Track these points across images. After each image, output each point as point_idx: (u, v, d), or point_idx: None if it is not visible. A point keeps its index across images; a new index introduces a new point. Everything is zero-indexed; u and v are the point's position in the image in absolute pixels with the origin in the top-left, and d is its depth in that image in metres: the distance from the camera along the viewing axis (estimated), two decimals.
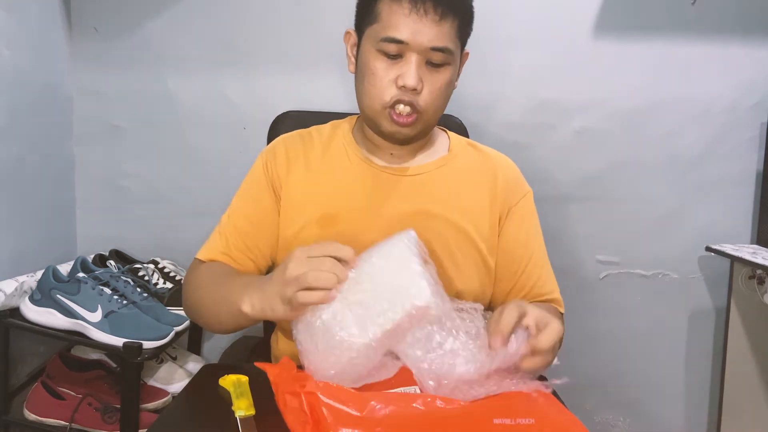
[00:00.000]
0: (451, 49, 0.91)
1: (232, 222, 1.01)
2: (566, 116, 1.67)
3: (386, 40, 0.90)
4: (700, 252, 1.69)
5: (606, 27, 1.64)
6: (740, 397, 1.61)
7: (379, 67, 0.92)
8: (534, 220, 1.06)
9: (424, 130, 0.99)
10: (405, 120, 0.93)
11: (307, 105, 1.63)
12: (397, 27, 0.89)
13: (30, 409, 1.39)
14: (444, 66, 0.92)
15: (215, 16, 1.65)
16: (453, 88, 0.99)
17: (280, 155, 1.04)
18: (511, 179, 1.06)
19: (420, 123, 0.95)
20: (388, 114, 0.93)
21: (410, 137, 0.97)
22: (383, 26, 0.90)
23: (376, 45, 0.91)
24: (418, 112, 0.93)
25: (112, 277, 1.40)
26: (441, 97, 0.95)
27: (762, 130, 1.67)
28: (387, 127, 0.95)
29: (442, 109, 0.98)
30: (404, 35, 0.88)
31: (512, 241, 1.03)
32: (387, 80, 0.91)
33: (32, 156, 1.51)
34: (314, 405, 0.64)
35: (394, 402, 0.65)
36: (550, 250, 1.07)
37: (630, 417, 1.79)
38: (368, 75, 0.93)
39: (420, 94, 0.91)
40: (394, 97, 0.92)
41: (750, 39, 1.64)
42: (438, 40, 0.89)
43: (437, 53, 0.90)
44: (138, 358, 1.28)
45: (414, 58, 0.90)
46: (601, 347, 1.76)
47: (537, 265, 1.04)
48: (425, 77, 0.91)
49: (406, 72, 0.90)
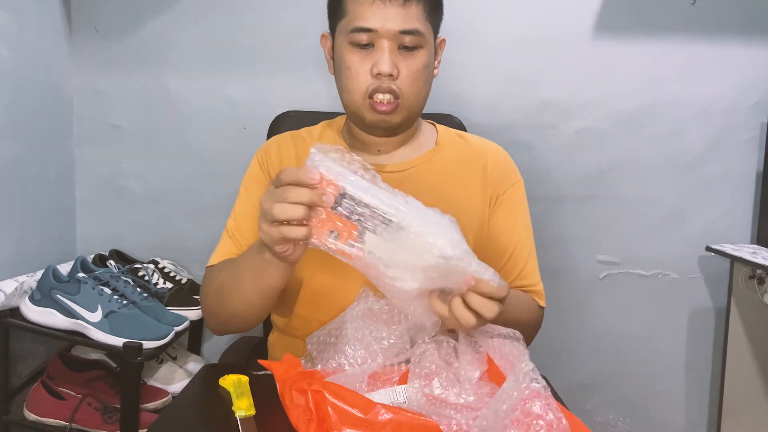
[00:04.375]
0: (421, 31, 0.92)
1: (238, 223, 1.01)
2: (566, 116, 1.68)
3: (355, 30, 0.91)
4: (700, 252, 1.69)
5: (606, 27, 1.64)
6: (740, 397, 1.61)
7: (353, 60, 0.93)
8: (522, 210, 1.06)
9: (409, 118, 0.98)
10: (386, 107, 0.93)
11: (307, 105, 1.63)
12: (363, 16, 0.90)
13: (30, 409, 1.39)
14: (417, 49, 0.93)
15: (215, 16, 1.65)
16: (433, 74, 0.99)
17: (273, 154, 1.04)
18: (500, 167, 1.06)
19: (403, 110, 0.95)
20: (369, 105, 0.94)
21: (395, 126, 0.97)
22: (351, 19, 0.92)
23: (347, 38, 0.93)
24: (398, 98, 0.93)
25: (112, 277, 1.40)
26: (419, 81, 0.94)
27: (762, 130, 1.67)
28: (370, 117, 0.95)
29: (424, 95, 0.97)
30: (372, 23, 0.90)
31: (498, 230, 1.03)
32: (363, 71, 0.92)
33: (32, 156, 1.51)
34: (320, 403, 0.64)
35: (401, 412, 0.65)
36: (550, 250, 1.07)
37: (630, 417, 1.79)
38: (344, 69, 0.94)
39: (397, 79, 0.92)
40: (371, 86, 0.92)
41: (750, 39, 1.64)
42: (406, 23, 0.90)
43: (408, 36, 0.91)
44: (138, 358, 1.28)
45: (386, 44, 0.91)
46: (601, 347, 1.76)
47: (521, 255, 1.03)
48: (400, 63, 0.92)
49: (379, 59, 0.91)
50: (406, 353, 0.80)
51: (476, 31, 1.63)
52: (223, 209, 1.05)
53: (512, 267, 1.02)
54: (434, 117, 1.16)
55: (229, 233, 1.01)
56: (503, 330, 0.76)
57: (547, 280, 1.06)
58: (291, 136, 1.08)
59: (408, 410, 0.67)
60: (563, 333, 1.73)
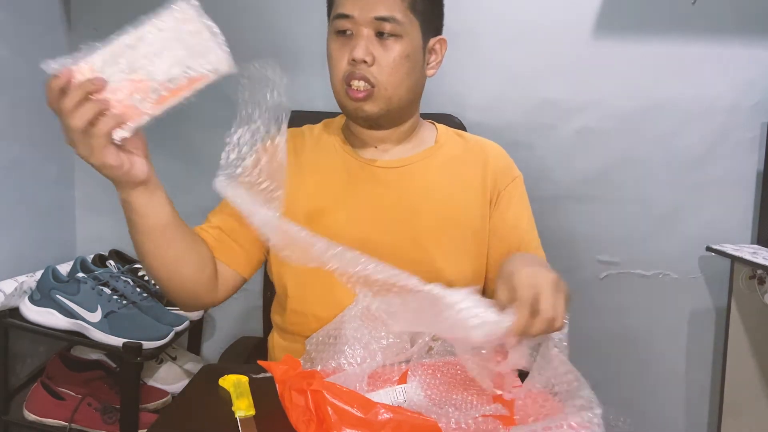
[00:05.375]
0: (399, 19, 0.92)
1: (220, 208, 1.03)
2: (566, 116, 1.67)
3: (336, 17, 0.94)
4: (701, 252, 1.68)
5: (606, 27, 1.64)
6: (740, 397, 1.61)
7: (334, 48, 0.95)
8: (523, 204, 1.06)
9: (391, 110, 0.97)
10: (360, 95, 0.93)
11: (306, 105, 1.62)
12: (343, 4, 0.93)
13: (30, 409, 1.39)
14: (395, 37, 0.93)
15: (215, 16, 1.63)
16: (423, 70, 0.99)
17: None
18: (500, 164, 1.07)
19: (378, 99, 0.94)
20: (345, 92, 0.95)
21: (375, 115, 0.96)
22: (335, 7, 0.95)
23: (332, 27, 0.96)
24: (373, 86, 0.93)
25: (111, 277, 1.40)
26: (397, 71, 0.94)
27: (762, 130, 1.67)
28: (347, 104, 0.96)
29: (406, 86, 0.96)
30: (350, 9, 0.92)
31: (501, 225, 1.03)
32: (341, 58, 0.94)
33: (32, 156, 1.51)
34: (320, 403, 0.64)
35: (401, 412, 0.65)
36: (550, 251, 1.07)
37: (630, 417, 1.77)
38: (328, 58, 0.97)
39: (372, 66, 0.93)
40: (346, 72, 0.94)
41: (750, 39, 1.64)
42: (383, 10, 0.91)
43: (384, 23, 0.92)
44: (138, 358, 1.28)
45: (363, 31, 0.92)
46: (601, 347, 1.76)
47: (528, 249, 1.03)
48: (376, 50, 0.93)
49: (354, 45, 0.92)
50: (406, 353, 0.80)
51: (476, 31, 1.63)
52: None
53: None
54: (434, 117, 1.16)
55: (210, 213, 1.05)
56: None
57: None
58: (292, 131, 1.08)
59: (408, 410, 0.67)
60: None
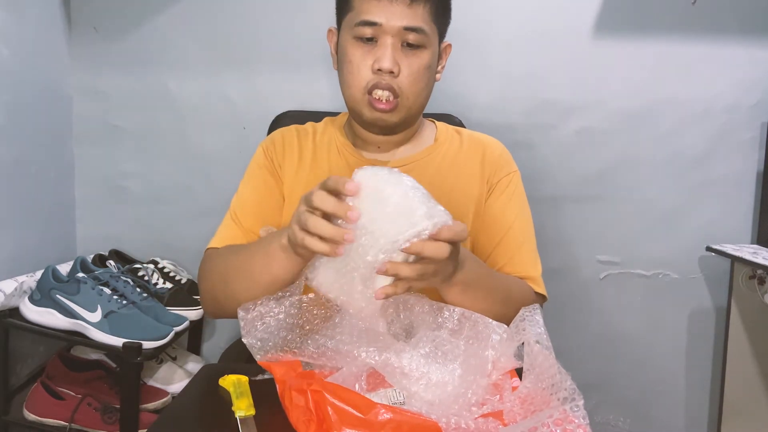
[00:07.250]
0: (426, 31, 0.92)
1: (243, 209, 1.01)
2: (566, 116, 1.67)
3: (360, 23, 0.91)
4: (701, 252, 1.68)
5: (606, 27, 1.64)
6: (740, 397, 1.61)
7: (356, 54, 0.93)
8: (515, 198, 1.05)
9: (408, 118, 0.98)
10: (385, 105, 0.93)
11: (306, 105, 1.63)
12: (369, 11, 0.91)
13: (30, 409, 1.39)
14: (421, 48, 0.93)
15: (215, 16, 1.65)
16: (435, 77, 0.99)
17: (278, 144, 1.06)
18: (497, 157, 1.06)
19: (402, 109, 0.95)
20: (367, 101, 0.94)
21: (393, 125, 0.97)
22: (357, 13, 0.92)
23: (351, 32, 0.93)
24: (397, 97, 0.93)
25: (111, 277, 1.40)
26: (420, 81, 0.94)
27: (762, 130, 1.67)
28: (368, 114, 0.95)
29: (425, 96, 0.97)
30: (377, 17, 0.90)
31: (489, 215, 1.03)
32: (364, 66, 0.92)
33: (32, 156, 1.51)
34: (320, 403, 0.64)
35: (401, 412, 0.65)
36: (550, 250, 1.07)
37: (630, 417, 1.79)
38: (346, 63, 0.94)
39: (398, 77, 0.92)
40: (371, 82, 0.92)
41: (750, 39, 1.64)
42: (411, 21, 0.91)
43: (412, 34, 0.91)
44: (138, 358, 1.28)
45: (389, 40, 0.91)
46: (601, 347, 1.76)
47: (513, 242, 1.02)
48: (402, 60, 0.92)
49: (381, 55, 0.91)
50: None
51: (476, 31, 1.63)
52: (223, 209, 1.05)
53: (501, 253, 1.01)
54: (435, 117, 1.16)
55: (233, 217, 1.01)
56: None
57: (547, 280, 1.05)
58: (296, 128, 1.10)
59: (408, 410, 0.67)
60: (563, 333, 1.73)
